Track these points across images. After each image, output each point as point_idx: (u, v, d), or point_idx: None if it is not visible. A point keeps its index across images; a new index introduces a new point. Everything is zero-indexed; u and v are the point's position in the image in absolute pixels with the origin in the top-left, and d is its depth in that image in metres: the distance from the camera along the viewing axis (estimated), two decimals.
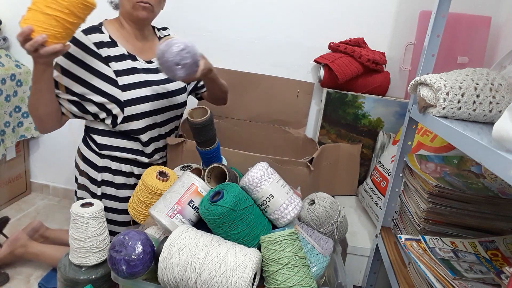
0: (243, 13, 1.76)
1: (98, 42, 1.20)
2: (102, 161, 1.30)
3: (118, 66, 1.22)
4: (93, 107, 1.22)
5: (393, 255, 1.11)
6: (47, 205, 2.17)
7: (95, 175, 1.31)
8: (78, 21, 1.00)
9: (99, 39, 1.21)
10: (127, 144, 1.30)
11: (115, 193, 1.33)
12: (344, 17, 1.69)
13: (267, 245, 0.87)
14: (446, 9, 1.02)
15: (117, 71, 1.22)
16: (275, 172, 1.03)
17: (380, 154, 1.59)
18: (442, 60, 1.48)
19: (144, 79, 1.26)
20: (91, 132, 1.30)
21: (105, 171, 1.31)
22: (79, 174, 1.36)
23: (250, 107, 1.79)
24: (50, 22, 0.94)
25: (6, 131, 1.92)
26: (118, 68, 1.22)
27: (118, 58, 1.23)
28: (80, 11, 0.98)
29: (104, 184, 1.32)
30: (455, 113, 0.86)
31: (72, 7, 0.96)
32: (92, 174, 1.32)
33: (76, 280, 0.99)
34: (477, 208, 0.99)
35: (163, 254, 0.84)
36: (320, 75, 1.63)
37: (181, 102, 1.38)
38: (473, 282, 0.82)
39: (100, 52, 1.20)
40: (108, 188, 1.32)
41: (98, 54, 1.19)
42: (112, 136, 1.28)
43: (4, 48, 1.97)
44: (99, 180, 1.31)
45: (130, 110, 1.23)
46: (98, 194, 1.32)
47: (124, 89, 1.22)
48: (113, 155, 1.30)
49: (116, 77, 1.21)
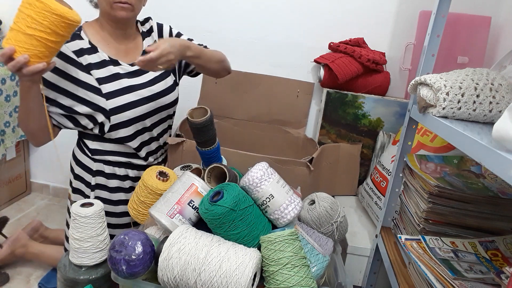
0: (243, 13, 1.76)
1: (78, 50, 1.16)
2: (95, 165, 1.28)
3: (99, 73, 1.18)
4: (85, 120, 1.20)
5: (393, 255, 1.11)
6: (47, 205, 2.17)
7: (89, 179, 1.30)
8: (61, 39, 0.98)
9: (79, 46, 1.17)
10: (120, 148, 1.27)
11: (109, 196, 1.31)
12: (344, 17, 1.69)
13: (267, 245, 0.87)
14: (446, 9, 1.02)
15: (99, 79, 1.17)
16: (275, 172, 1.03)
17: (380, 154, 1.59)
18: (442, 60, 1.48)
19: (128, 85, 1.21)
20: (83, 137, 1.29)
21: (99, 175, 1.29)
22: (74, 178, 1.34)
23: (250, 107, 1.79)
24: (31, 42, 0.92)
25: (6, 131, 1.92)
26: (100, 76, 1.18)
27: (99, 65, 1.18)
28: (63, 29, 0.95)
29: (97, 188, 1.30)
30: (455, 113, 0.86)
31: (53, 26, 0.93)
32: (87, 177, 1.30)
33: (76, 280, 0.99)
34: (477, 208, 0.99)
35: (163, 254, 0.84)
36: (320, 75, 1.63)
37: (171, 101, 1.33)
38: (473, 282, 0.82)
39: (80, 60, 1.16)
40: (102, 192, 1.30)
41: (78, 63, 1.15)
42: (104, 141, 1.26)
43: None
44: (93, 184, 1.29)
45: (116, 118, 1.19)
46: (91, 197, 1.30)
47: (108, 97, 1.18)
48: (106, 159, 1.28)
49: (99, 85, 1.17)
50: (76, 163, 1.33)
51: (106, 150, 1.27)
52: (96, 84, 1.17)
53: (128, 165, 1.31)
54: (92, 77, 1.17)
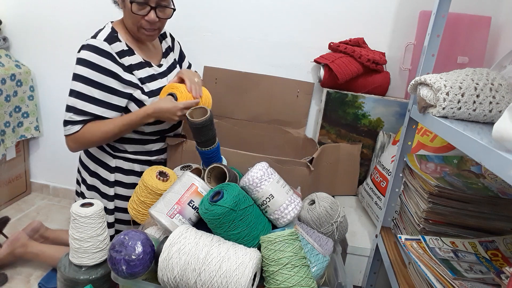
0: (243, 13, 1.76)
1: (120, 52, 1.22)
2: (114, 162, 1.32)
3: (140, 74, 1.26)
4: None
5: (393, 255, 1.11)
6: (47, 205, 2.17)
7: (107, 176, 1.33)
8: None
9: (120, 48, 1.22)
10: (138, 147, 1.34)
11: (127, 193, 1.34)
12: (344, 17, 1.69)
13: (267, 245, 0.87)
14: (446, 9, 1.02)
15: (141, 79, 1.26)
16: (275, 172, 1.03)
17: (380, 154, 1.59)
18: (442, 60, 1.48)
19: (163, 84, 1.31)
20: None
21: (118, 171, 1.33)
22: (89, 175, 1.36)
23: (250, 107, 1.79)
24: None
25: (6, 131, 1.92)
26: (141, 76, 1.26)
27: (139, 66, 1.26)
28: None
29: (116, 184, 1.33)
30: (455, 113, 0.86)
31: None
32: (104, 174, 1.33)
33: (76, 280, 0.99)
34: (477, 208, 0.99)
35: (163, 254, 0.84)
36: (320, 75, 1.63)
37: None
38: (473, 282, 0.82)
39: (122, 61, 1.22)
40: (120, 189, 1.34)
41: (121, 63, 1.21)
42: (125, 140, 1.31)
43: (4, 48, 1.97)
44: (111, 181, 1.32)
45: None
46: (110, 194, 1.33)
47: (150, 95, 1.27)
48: (125, 157, 1.32)
49: (142, 85, 1.26)
50: (92, 160, 1.35)
51: (126, 147, 1.32)
52: (139, 83, 1.25)
53: (146, 162, 1.36)
54: (135, 77, 1.24)
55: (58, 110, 2.03)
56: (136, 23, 1.20)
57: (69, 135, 1.20)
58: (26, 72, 1.98)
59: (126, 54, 1.23)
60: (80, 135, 1.19)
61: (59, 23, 1.92)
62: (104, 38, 1.19)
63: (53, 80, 2.03)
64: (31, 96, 2.02)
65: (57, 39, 1.95)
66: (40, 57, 2.00)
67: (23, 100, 1.99)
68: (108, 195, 1.33)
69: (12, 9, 1.93)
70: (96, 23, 1.33)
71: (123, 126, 1.21)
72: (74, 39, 1.91)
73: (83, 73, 1.16)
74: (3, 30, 1.97)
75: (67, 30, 1.92)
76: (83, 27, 1.88)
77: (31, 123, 2.05)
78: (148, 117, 1.20)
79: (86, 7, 1.88)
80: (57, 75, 2.01)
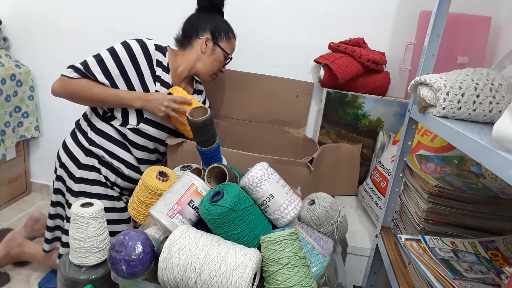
0: (243, 13, 1.76)
1: (159, 61, 1.32)
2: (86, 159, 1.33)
3: (159, 89, 1.32)
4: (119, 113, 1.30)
5: (393, 255, 1.11)
6: (47, 205, 2.15)
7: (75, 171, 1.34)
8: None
9: (160, 59, 1.32)
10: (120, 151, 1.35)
11: (88, 189, 1.34)
12: (344, 17, 1.69)
13: (267, 245, 0.87)
14: (446, 9, 1.02)
15: (157, 92, 1.32)
16: (275, 172, 1.03)
17: (380, 154, 1.59)
18: (442, 60, 1.48)
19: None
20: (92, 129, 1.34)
21: (86, 169, 1.33)
22: (59, 166, 1.38)
23: (250, 107, 1.79)
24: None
25: (6, 131, 1.92)
26: (160, 91, 1.32)
27: (164, 83, 1.34)
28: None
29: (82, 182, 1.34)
30: (455, 113, 0.86)
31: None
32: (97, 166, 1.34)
33: (76, 280, 0.99)
34: (477, 208, 0.99)
35: (163, 254, 0.84)
36: (320, 75, 1.63)
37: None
38: (473, 282, 0.82)
39: (156, 69, 1.31)
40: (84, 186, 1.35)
41: (153, 70, 1.30)
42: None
43: (4, 48, 1.97)
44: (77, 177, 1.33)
45: (143, 127, 1.31)
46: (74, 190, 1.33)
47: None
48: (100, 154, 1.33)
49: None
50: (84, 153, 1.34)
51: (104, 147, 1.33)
52: (153, 91, 1.31)
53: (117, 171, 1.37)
54: (154, 87, 1.32)
55: (58, 110, 2.03)
56: (214, 70, 1.41)
57: (65, 76, 1.26)
58: (26, 72, 1.98)
59: (162, 67, 1.32)
60: (73, 82, 1.24)
61: (59, 23, 1.92)
62: (155, 43, 1.31)
63: (53, 80, 2.01)
64: (31, 96, 2.02)
65: (57, 39, 1.95)
66: (40, 57, 2.00)
67: (23, 100, 1.99)
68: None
69: (12, 9, 1.93)
70: (96, 23, 1.33)
71: (111, 97, 1.24)
72: (74, 39, 1.92)
73: (119, 51, 1.24)
74: (3, 30, 1.97)
75: (67, 30, 1.92)
76: (83, 27, 1.88)
77: (31, 123, 2.05)
78: (136, 100, 1.24)
79: (86, 7, 1.88)
80: (57, 75, 1.98)
